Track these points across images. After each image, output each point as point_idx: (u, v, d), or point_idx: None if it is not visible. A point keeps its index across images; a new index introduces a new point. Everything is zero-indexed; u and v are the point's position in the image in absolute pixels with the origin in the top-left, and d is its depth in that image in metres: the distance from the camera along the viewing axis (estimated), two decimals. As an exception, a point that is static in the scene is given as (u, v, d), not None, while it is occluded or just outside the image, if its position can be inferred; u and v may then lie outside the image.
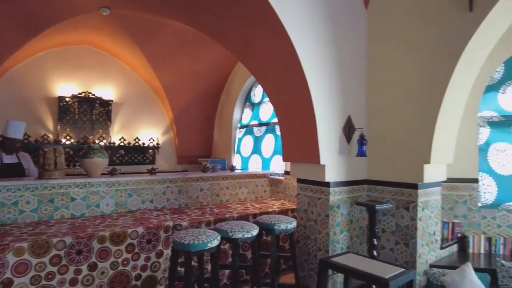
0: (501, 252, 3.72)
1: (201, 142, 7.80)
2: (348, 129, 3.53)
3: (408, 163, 3.32)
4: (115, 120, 7.10)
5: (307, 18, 3.18)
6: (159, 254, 3.41)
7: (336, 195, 3.42)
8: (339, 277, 3.40)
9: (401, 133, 3.39)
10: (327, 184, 3.38)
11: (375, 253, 3.23)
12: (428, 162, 3.18)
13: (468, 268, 3.20)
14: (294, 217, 4.28)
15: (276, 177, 5.42)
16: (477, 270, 3.26)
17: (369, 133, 3.63)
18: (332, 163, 3.41)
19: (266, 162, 5.92)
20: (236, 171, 5.56)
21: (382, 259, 3.45)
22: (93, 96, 6.74)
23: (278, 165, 5.63)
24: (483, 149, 4.05)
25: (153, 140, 7.44)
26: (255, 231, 3.16)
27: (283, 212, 4.46)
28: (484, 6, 2.80)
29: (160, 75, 6.74)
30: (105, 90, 6.94)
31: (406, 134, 3.35)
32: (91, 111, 6.73)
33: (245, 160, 6.49)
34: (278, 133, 5.62)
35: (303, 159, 3.56)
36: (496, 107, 4.07)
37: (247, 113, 6.82)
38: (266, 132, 6.07)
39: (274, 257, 3.40)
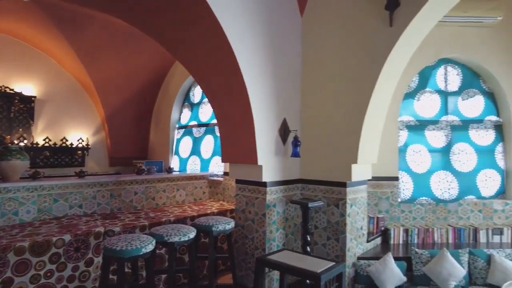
0: (416, 241, 4.17)
1: (136, 143, 7.45)
2: (284, 131, 3.66)
3: (337, 163, 3.56)
4: (39, 118, 6.45)
5: (245, 22, 3.24)
6: (89, 263, 3.19)
7: (272, 194, 3.54)
8: (276, 274, 3.52)
9: (331, 135, 3.63)
10: (264, 184, 3.48)
11: (308, 249, 3.40)
12: (355, 162, 3.45)
13: (389, 257, 3.53)
14: (233, 217, 4.31)
15: (216, 178, 5.41)
16: (396, 259, 3.62)
17: (302, 135, 3.81)
18: (269, 163, 3.52)
19: (205, 164, 5.87)
20: (173, 173, 5.43)
21: (315, 254, 3.64)
22: (11, 92, 6.05)
23: (218, 166, 5.62)
24: (402, 150, 4.51)
25: (82, 141, 6.92)
26: (192, 234, 3.12)
27: (222, 213, 4.47)
28: (402, 22, 3.13)
29: (91, 70, 6.29)
30: (27, 85, 6.27)
31: (335, 136, 3.59)
32: (9, 108, 6.02)
33: (183, 162, 6.36)
34: (218, 134, 5.62)
35: (241, 160, 3.62)
36: (413, 113, 4.57)
37: (186, 113, 6.69)
38: (206, 133, 6.03)
39: (212, 259, 3.39)
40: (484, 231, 4.21)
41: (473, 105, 4.62)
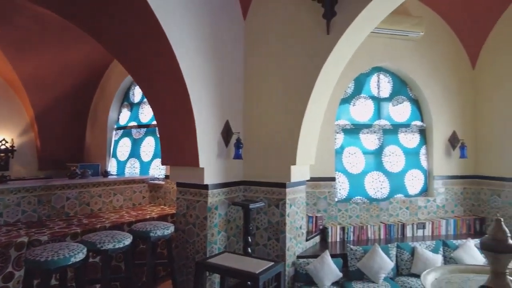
0: (351, 239, 4.42)
1: (70, 144, 6.90)
2: (227, 133, 3.66)
3: (278, 164, 3.65)
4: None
5: (187, 23, 3.18)
6: (8, 278, 2.88)
7: (214, 197, 3.51)
8: (217, 278, 3.49)
9: (272, 137, 3.71)
10: (206, 187, 3.44)
11: (249, 250, 3.43)
12: (294, 163, 3.56)
13: (326, 255, 3.69)
14: (174, 222, 4.19)
15: (156, 182, 5.23)
16: (333, 256, 3.79)
17: (245, 137, 3.85)
18: (211, 166, 3.49)
19: (145, 167, 5.65)
20: (110, 176, 5.14)
21: (256, 255, 3.68)
22: None
23: (159, 169, 5.44)
24: (339, 152, 4.76)
25: (6, 142, 6.25)
26: (127, 240, 2.98)
27: (163, 218, 4.33)
28: (338, 31, 3.31)
29: (18, 65, 5.72)
30: None
31: (276, 139, 3.68)
32: None
33: (121, 165, 6.04)
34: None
35: (182, 162, 3.54)
36: (348, 117, 4.85)
37: (125, 113, 6.38)
38: (146, 134, 5.80)
39: (150, 266, 3.27)
40: (410, 226, 4.60)
41: (401, 111, 5.04)
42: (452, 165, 4.95)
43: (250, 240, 3.44)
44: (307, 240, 4.07)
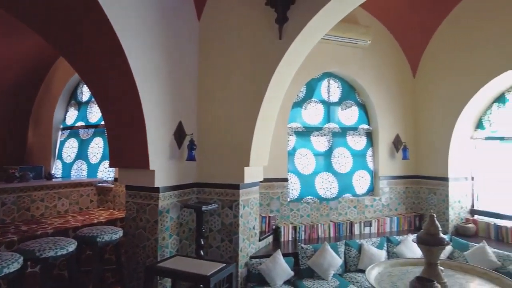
0: (303, 237, 4.56)
1: (8, 145, 6.37)
2: (179, 134, 3.61)
3: (231, 166, 3.67)
4: None
5: (138, 20, 3.09)
6: None
7: (166, 200, 3.44)
8: (168, 282, 3.42)
9: (226, 139, 3.72)
10: (157, 189, 3.36)
11: (202, 252, 3.41)
12: (248, 165, 3.61)
13: (278, 254, 3.77)
14: (123, 226, 4.04)
15: (105, 185, 5.00)
16: (285, 255, 3.89)
17: (198, 138, 3.82)
18: (162, 168, 3.42)
19: (93, 169, 5.37)
20: (55, 179, 4.83)
21: (209, 257, 3.68)
22: None
23: (108, 172, 5.21)
24: (291, 154, 4.89)
25: None
26: (71, 247, 2.82)
27: (112, 222, 4.16)
28: (290, 36, 3.41)
29: None
30: None
31: (230, 140, 3.70)
32: None
33: (67, 167, 5.69)
34: (109, 136, 5.21)
35: (132, 164, 3.43)
36: (300, 120, 5.00)
37: (72, 113, 6.03)
38: (95, 135, 5.53)
39: (97, 272, 3.13)
40: (358, 224, 4.85)
41: (350, 115, 5.30)
42: (395, 166, 5.30)
43: (202, 242, 3.42)
44: (260, 240, 4.13)
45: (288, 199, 4.77)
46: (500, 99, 4.66)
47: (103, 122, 5.30)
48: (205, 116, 3.86)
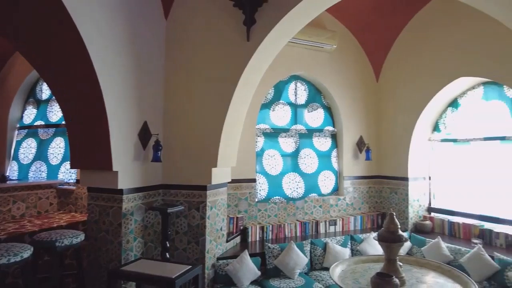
0: (270, 237, 4.62)
1: (-43, 145, 5.92)
2: (144, 134, 3.54)
3: (198, 167, 3.65)
4: None
5: (102, 17, 3.00)
6: None
7: (130, 202, 3.36)
8: (132, 286, 3.34)
9: (193, 140, 3.70)
10: (120, 191, 3.27)
11: (167, 255, 3.36)
12: (215, 166, 3.60)
13: (245, 255, 3.79)
14: (85, 230, 3.89)
15: (66, 187, 4.79)
16: (252, 255, 3.91)
17: (164, 139, 3.76)
18: (127, 169, 3.33)
19: (53, 170, 5.12)
20: (10, 182, 4.56)
21: (176, 259, 3.63)
22: None
23: (69, 173, 4.99)
24: (259, 155, 4.94)
25: None
26: (27, 253, 2.67)
27: (73, 225, 3.99)
28: (258, 38, 3.45)
29: None
30: None
31: (197, 141, 3.68)
32: None
33: (24, 168, 5.38)
34: (70, 136, 4.98)
35: (94, 165, 3.31)
36: (268, 121, 5.07)
37: (31, 111, 5.71)
38: (55, 135, 5.28)
39: (55, 278, 2.99)
40: (323, 223, 4.98)
41: (316, 117, 5.44)
42: (359, 166, 5.50)
43: (168, 245, 3.37)
44: (227, 241, 4.13)
45: (256, 200, 4.80)
46: (454, 103, 4.97)
47: (64, 122, 5.08)
48: (172, 116, 3.81)
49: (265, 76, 4.48)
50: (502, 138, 4.32)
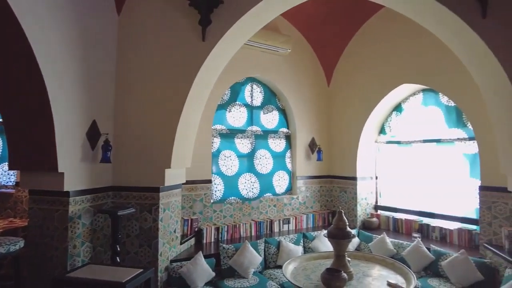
0: (225, 238, 4.63)
1: None
2: (93, 134, 3.38)
3: (151, 168, 3.56)
4: None
5: (46, 11, 2.81)
6: None
7: (77, 205, 3.19)
8: (79, 293, 3.17)
9: (145, 140, 3.60)
10: (67, 194, 3.09)
11: (118, 259, 3.24)
12: (169, 167, 3.54)
13: (200, 256, 3.76)
14: (25, 236, 3.62)
15: (4, 190, 4.41)
16: (207, 256, 3.90)
17: (115, 139, 3.62)
18: (73, 170, 3.16)
19: (-12, 172, 4.70)
20: None
21: (127, 263, 3.50)
22: None
23: (8, 175, 4.60)
24: (215, 155, 4.93)
25: None
26: (-44, 262, 2.44)
27: (11, 232, 3.69)
28: (213, 38, 3.46)
29: None
30: None
31: (149, 142, 3.59)
32: None
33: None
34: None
35: (36, 166, 3.10)
36: (225, 122, 5.08)
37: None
38: (-9, 134, 4.84)
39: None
40: (277, 222, 5.10)
41: (271, 119, 5.56)
42: (311, 167, 5.71)
43: (118, 248, 3.25)
44: (181, 243, 4.07)
45: (212, 201, 4.79)
46: (398, 108, 5.35)
47: (1, 119, 4.68)
48: (123, 115, 3.67)
49: (222, 77, 4.50)
50: (438, 141, 4.73)
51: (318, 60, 5.85)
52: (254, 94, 5.41)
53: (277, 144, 5.55)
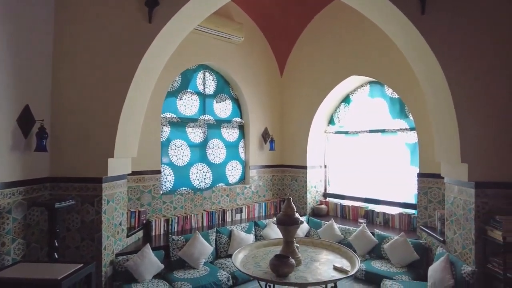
0: (175, 229, 4.51)
1: None
2: (25, 120, 3.07)
3: (92, 157, 3.34)
4: None
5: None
6: None
7: (6, 198, 2.88)
8: (10, 294, 2.90)
9: (86, 127, 3.36)
10: (-7, 186, 2.79)
11: (56, 255, 3.01)
12: (112, 156, 3.34)
13: (147, 249, 3.63)
14: None
15: None
16: (156, 248, 3.78)
17: (52, 126, 3.33)
18: (2, 160, 2.85)
19: None
20: None
21: (67, 259, 3.28)
22: None
23: None
24: (165, 145, 4.76)
25: None
26: None
27: None
28: (161, 20, 3.30)
29: None
30: None
31: (91, 129, 3.35)
32: None
33: None
34: None
35: (-45, 156, 2.75)
36: (175, 110, 4.90)
37: None
38: None
39: None
40: (230, 212, 5.08)
41: (224, 108, 5.47)
42: (264, 156, 5.75)
43: (56, 244, 3.01)
44: (128, 236, 3.90)
45: (161, 192, 4.63)
46: (346, 99, 5.54)
47: None
48: (61, 100, 3.37)
49: (171, 63, 4.34)
50: (383, 131, 4.98)
51: (271, 50, 5.86)
52: (207, 82, 5.29)
53: (230, 134, 5.50)
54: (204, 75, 5.27)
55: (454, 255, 3.27)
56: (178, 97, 4.94)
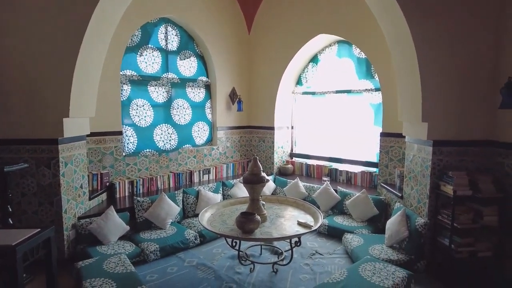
0: (141, 191, 4.43)
1: None
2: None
3: (46, 117, 3.10)
4: None
5: None
6: None
7: None
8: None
9: (36, 85, 3.07)
10: None
11: (11, 221, 2.86)
12: (67, 116, 3.12)
13: (111, 211, 3.55)
14: None
15: None
16: (120, 210, 3.71)
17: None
18: None
19: None
20: None
21: (24, 224, 3.14)
22: None
23: None
24: (126, 105, 4.51)
25: None
26: None
27: None
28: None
29: None
30: None
31: (42, 87, 3.07)
32: None
33: None
34: None
35: None
36: (136, 67, 4.59)
37: None
38: None
39: None
40: (197, 173, 5.04)
41: (189, 66, 5.22)
42: (231, 117, 5.66)
43: (10, 209, 2.85)
44: (90, 199, 3.78)
45: (124, 154, 4.46)
46: (314, 59, 5.47)
47: None
48: (8, 54, 3.01)
49: (130, 15, 4.02)
50: (349, 91, 5.02)
51: (238, 4, 5.56)
52: (169, 37, 4.96)
53: (196, 94, 5.31)
54: (166, 30, 4.93)
55: (410, 209, 3.49)
56: (139, 53, 4.61)
